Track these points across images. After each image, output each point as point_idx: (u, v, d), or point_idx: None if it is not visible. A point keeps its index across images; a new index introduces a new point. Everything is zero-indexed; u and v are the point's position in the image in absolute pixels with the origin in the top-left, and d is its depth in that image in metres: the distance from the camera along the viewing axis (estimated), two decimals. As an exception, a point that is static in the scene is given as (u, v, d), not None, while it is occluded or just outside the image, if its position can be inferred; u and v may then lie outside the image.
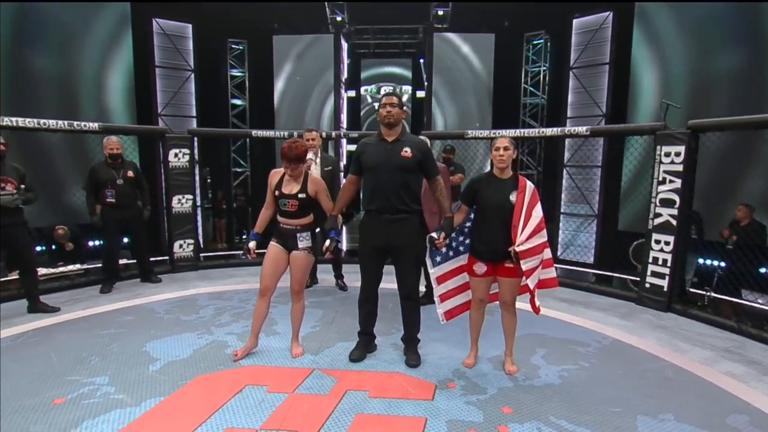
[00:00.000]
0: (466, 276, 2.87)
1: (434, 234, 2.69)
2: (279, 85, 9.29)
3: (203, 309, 3.88)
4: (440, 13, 9.01)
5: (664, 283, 3.92)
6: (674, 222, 3.83)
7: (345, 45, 9.73)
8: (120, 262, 4.73)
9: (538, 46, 8.89)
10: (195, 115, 8.64)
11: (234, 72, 9.39)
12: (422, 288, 3.62)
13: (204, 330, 3.39)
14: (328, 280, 4.69)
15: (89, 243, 5.98)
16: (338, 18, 9.13)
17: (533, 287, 2.59)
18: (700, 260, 5.88)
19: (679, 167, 3.77)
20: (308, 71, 9.22)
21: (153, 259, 4.92)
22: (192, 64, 8.48)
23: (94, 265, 4.98)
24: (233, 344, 3.14)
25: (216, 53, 9.13)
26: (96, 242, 5.99)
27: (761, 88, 5.94)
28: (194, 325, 3.49)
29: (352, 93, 10.44)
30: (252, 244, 2.93)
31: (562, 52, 8.26)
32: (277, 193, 2.84)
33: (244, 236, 8.92)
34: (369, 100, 10.97)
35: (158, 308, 3.90)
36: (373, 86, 10.92)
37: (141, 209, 4.51)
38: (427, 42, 9.24)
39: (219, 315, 3.74)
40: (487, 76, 9.03)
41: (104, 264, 4.47)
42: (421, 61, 10.03)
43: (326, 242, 2.79)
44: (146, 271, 4.68)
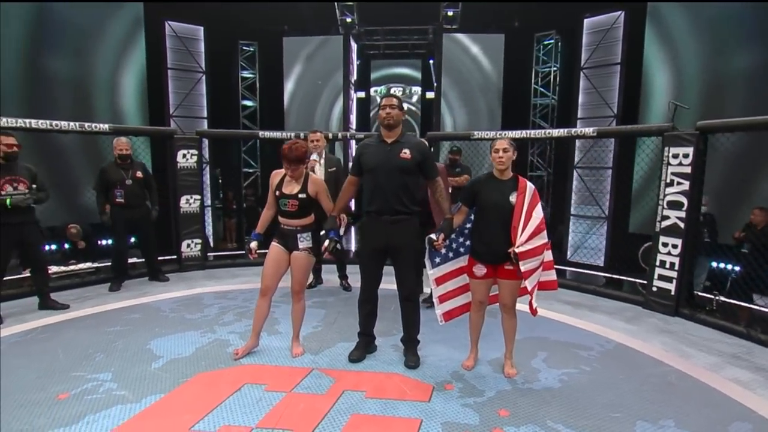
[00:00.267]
0: (466, 277, 2.86)
1: (433, 235, 2.70)
2: (289, 87, 9.37)
3: (208, 308, 3.93)
4: (450, 14, 8.99)
5: (672, 287, 3.85)
6: (682, 225, 3.76)
7: (354, 46, 9.77)
8: (129, 261, 4.82)
9: (549, 47, 8.82)
10: (206, 116, 8.77)
11: (245, 73, 9.51)
12: (427, 290, 3.62)
13: (207, 329, 3.44)
14: (333, 281, 4.71)
15: (100, 242, 6.11)
16: (348, 19, 9.18)
17: (531, 289, 2.57)
18: (713, 263, 5.78)
19: (687, 169, 3.70)
20: (318, 72, 9.29)
21: (163, 258, 5.02)
22: (203, 66, 8.61)
23: (105, 264, 5.08)
24: (235, 343, 3.18)
25: (227, 55, 9.24)
26: (107, 241, 6.11)
27: (777, 88, 5.82)
28: (198, 324, 3.54)
29: (362, 94, 10.47)
30: (253, 244, 2.97)
31: (573, 53, 8.18)
32: (278, 194, 2.87)
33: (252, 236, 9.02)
34: (378, 101, 10.96)
35: (164, 307, 3.96)
36: (383, 87, 10.93)
37: (149, 209, 4.59)
38: (437, 43, 9.23)
39: (223, 314, 3.78)
40: (497, 77, 8.99)
41: (113, 263, 4.56)
42: (431, 62, 10.02)
43: (325, 242, 2.80)
44: (154, 270, 4.76)
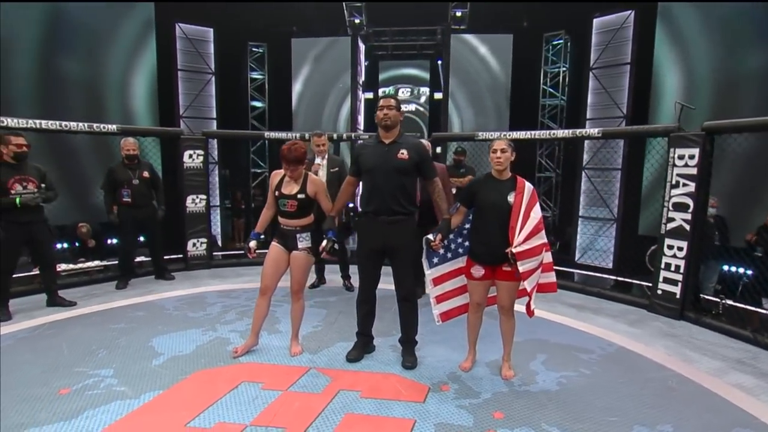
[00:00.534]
0: (465, 278, 2.86)
1: (430, 236, 2.69)
2: (297, 87, 9.43)
3: (211, 306, 3.98)
4: (458, 14, 8.97)
5: (677, 290, 3.79)
6: (687, 227, 3.70)
7: (362, 47, 9.80)
8: (136, 260, 4.90)
9: (558, 47, 8.75)
10: (215, 117, 8.87)
11: (254, 74, 9.60)
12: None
13: (209, 327, 3.48)
14: (336, 281, 4.73)
15: (109, 241, 6.21)
16: (356, 20, 9.21)
17: (531, 290, 2.55)
18: (724, 267, 5.67)
19: (693, 170, 3.65)
20: (326, 73, 9.33)
21: (170, 257, 5.09)
22: (213, 67, 8.71)
23: (113, 262, 5.17)
24: (235, 341, 3.21)
25: (236, 56, 9.34)
26: (116, 240, 6.21)
27: (791, 89, 5.69)
28: (200, 322, 3.58)
29: (370, 95, 10.49)
30: (252, 244, 3.00)
31: (582, 53, 8.10)
32: (277, 194, 2.90)
33: (262, 236, 9.10)
34: (386, 102, 10.97)
35: (168, 305, 4.02)
36: (391, 88, 10.93)
37: (156, 209, 4.66)
38: (445, 43, 9.21)
39: (225, 312, 3.82)
40: (505, 77, 8.94)
41: (120, 261, 4.64)
42: (439, 63, 10.00)
43: (323, 242, 2.82)
44: (160, 269, 4.83)
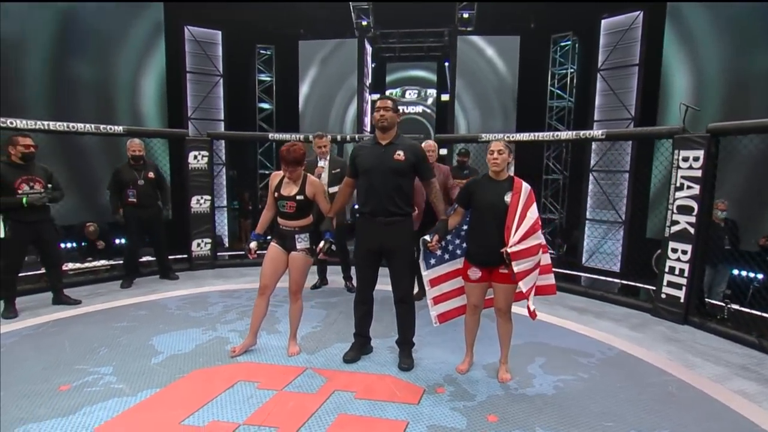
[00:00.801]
0: (462, 280, 2.85)
1: (427, 237, 2.69)
2: (304, 89, 9.48)
3: (212, 306, 4.01)
4: (465, 16, 8.96)
5: (681, 294, 3.73)
6: (692, 230, 3.65)
7: (369, 49, 9.82)
8: (141, 260, 4.96)
9: (566, 48, 8.68)
10: (223, 119, 8.96)
11: (262, 76, 9.68)
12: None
13: (209, 326, 3.51)
14: (338, 282, 4.74)
15: (117, 240, 6.30)
16: (364, 22, 9.24)
17: (526, 291, 2.53)
18: (734, 271, 5.56)
19: (698, 173, 3.59)
20: (332, 75, 9.37)
21: (176, 257, 5.15)
22: (221, 70, 8.80)
23: (119, 262, 5.23)
24: (234, 341, 3.23)
25: (245, 59, 9.43)
26: (123, 240, 6.30)
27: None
28: (201, 321, 3.62)
29: (377, 97, 10.50)
30: (253, 245, 3.03)
31: (590, 54, 8.04)
32: (276, 195, 2.92)
33: (269, 237, 9.19)
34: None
35: (171, 304, 4.06)
36: (398, 89, 10.94)
37: (161, 209, 4.72)
38: (452, 45, 9.20)
39: (226, 312, 3.85)
40: (512, 79, 8.89)
41: (125, 261, 4.70)
42: (446, 65, 9.99)
43: (320, 244, 2.83)
44: (165, 269, 4.88)
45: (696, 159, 3.60)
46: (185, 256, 5.37)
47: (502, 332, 2.79)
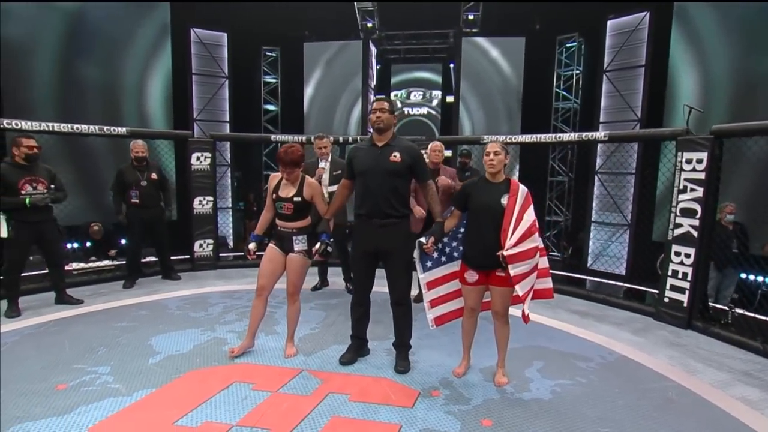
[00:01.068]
0: (459, 283, 2.83)
1: (423, 239, 2.68)
2: (309, 91, 9.51)
3: (212, 307, 4.03)
4: (470, 18, 8.94)
5: (684, 298, 3.68)
6: (695, 233, 3.59)
7: (374, 50, 9.83)
8: (144, 260, 5.00)
9: (571, 49, 8.63)
10: (228, 120, 9.01)
11: (267, 78, 9.72)
12: (414, 292, 3.56)
13: (208, 327, 3.52)
14: (339, 283, 4.73)
15: (123, 241, 6.33)
16: (369, 24, 9.25)
17: (523, 295, 2.50)
18: (743, 275, 5.47)
19: (701, 175, 3.54)
20: (337, 77, 9.39)
21: (179, 258, 5.18)
22: (226, 71, 8.86)
23: (122, 262, 5.27)
24: (232, 342, 3.24)
25: (250, 60, 9.47)
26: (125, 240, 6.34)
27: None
28: (200, 322, 3.63)
29: (389, 98, 10.51)
30: (252, 246, 3.05)
31: (596, 55, 7.97)
32: (275, 196, 2.93)
33: (267, 240, 9.19)
34: (399, 105, 10.99)
35: (171, 304, 4.08)
36: (403, 91, 10.94)
37: (164, 210, 4.75)
38: (457, 47, 9.18)
39: (226, 313, 3.86)
40: (517, 80, 8.85)
41: (127, 261, 4.74)
42: (451, 66, 9.97)
43: (316, 245, 2.83)
44: (167, 269, 4.92)
45: (699, 161, 3.54)
46: (188, 257, 5.40)
47: (500, 335, 2.77)
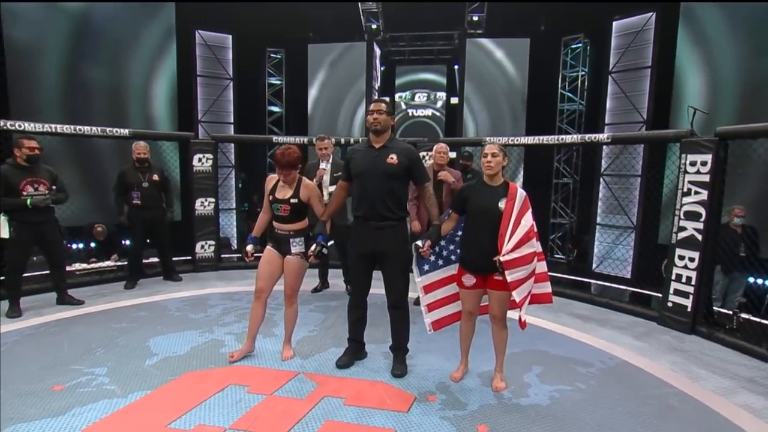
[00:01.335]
0: (456, 286, 2.80)
1: (419, 242, 2.65)
2: (313, 93, 9.52)
3: (212, 308, 4.03)
4: (475, 19, 8.90)
5: (688, 303, 3.61)
6: (699, 237, 3.53)
7: (378, 52, 9.82)
8: (146, 261, 5.01)
9: (577, 50, 8.55)
10: (232, 122, 9.04)
11: (272, 80, 9.74)
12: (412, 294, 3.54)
13: (206, 329, 3.52)
14: (339, 285, 4.72)
15: (126, 242, 6.37)
16: (373, 26, 9.25)
17: (520, 301, 2.47)
18: (751, 279, 5.38)
19: (706, 177, 3.48)
20: (341, 79, 9.38)
21: (181, 259, 5.20)
22: (231, 73, 8.89)
23: (124, 263, 5.29)
24: (230, 344, 3.23)
25: (255, 62, 9.50)
26: (128, 241, 6.37)
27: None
28: (199, 323, 3.63)
29: (386, 100, 10.50)
30: (249, 248, 3.04)
31: (601, 56, 7.89)
32: (271, 198, 2.92)
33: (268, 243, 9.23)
34: (403, 107, 10.98)
35: (171, 306, 4.09)
36: (408, 93, 10.92)
37: (165, 211, 4.76)
38: (462, 48, 9.14)
39: (225, 314, 3.86)
40: (522, 82, 8.79)
41: (129, 262, 4.76)
42: (456, 68, 9.94)
43: (312, 247, 2.81)
44: (168, 270, 4.93)
45: (704, 163, 3.48)
46: (190, 258, 5.41)
47: (497, 340, 2.74)
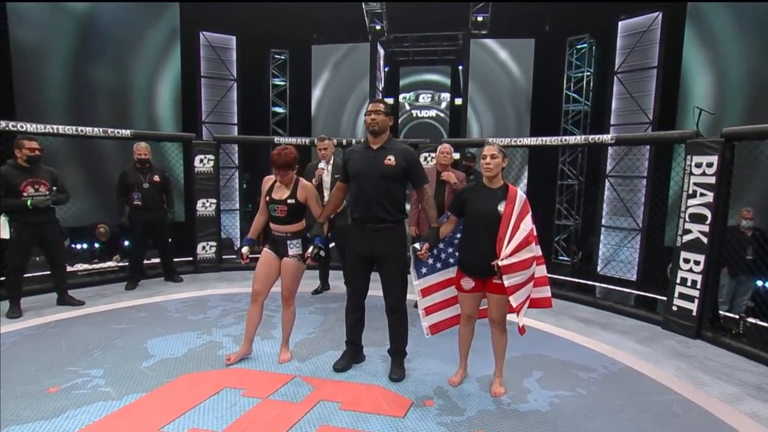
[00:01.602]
0: (455, 289, 2.76)
1: (417, 245, 2.62)
2: (316, 94, 9.52)
3: (211, 310, 4.01)
4: (479, 19, 8.85)
5: (693, 307, 3.55)
6: (705, 239, 3.46)
7: (382, 53, 9.80)
8: (147, 262, 5.02)
9: (582, 50, 8.48)
10: (236, 123, 9.05)
11: (276, 81, 9.76)
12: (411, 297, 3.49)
13: (204, 330, 3.50)
14: (339, 287, 4.68)
15: (127, 242, 6.39)
16: (377, 26, 9.23)
17: (517, 306, 2.42)
18: (759, 282, 5.29)
19: (711, 179, 3.41)
20: (345, 79, 9.37)
21: (183, 259, 5.20)
22: (235, 74, 8.90)
23: (126, 263, 5.30)
24: (228, 346, 3.21)
25: (259, 63, 9.51)
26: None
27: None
28: (198, 325, 3.61)
29: (390, 101, 10.48)
30: (245, 249, 3.02)
31: (607, 56, 7.82)
32: (268, 199, 2.89)
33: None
34: (407, 108, 10.95)
35: (171, 307, 4.08)
36: (412, 93, 10.89)
37: (166, 212, 4.76)
38: (466, 48, 9.10)
39: (224, 316, 3.84)
40: (526, 82, 8.73)
41: (130, 263, 4.76)
42: (460, 68, 9.89)
43: (309, 249, 2.78)
44: (169, 271, 4.93)
45: (709, 165, 3.42)
46: (191, 259, 5.41)
47: (497, 344, 2.69)
